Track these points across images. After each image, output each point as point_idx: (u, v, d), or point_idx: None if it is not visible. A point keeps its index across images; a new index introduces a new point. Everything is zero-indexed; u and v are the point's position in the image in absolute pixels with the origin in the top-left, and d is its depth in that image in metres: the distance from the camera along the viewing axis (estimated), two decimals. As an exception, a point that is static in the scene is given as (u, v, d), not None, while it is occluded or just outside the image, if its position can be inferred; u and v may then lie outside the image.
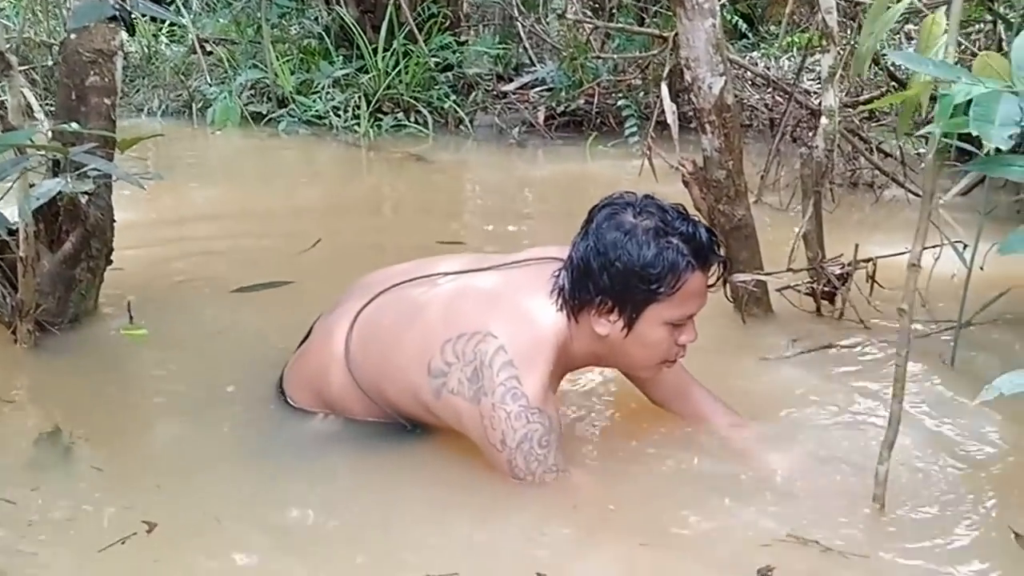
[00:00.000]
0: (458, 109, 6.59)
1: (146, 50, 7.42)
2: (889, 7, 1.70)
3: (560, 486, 1.81)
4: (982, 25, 5.01)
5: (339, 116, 6.42)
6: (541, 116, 6.61)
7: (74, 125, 2.38)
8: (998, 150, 1.39)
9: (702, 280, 1.81)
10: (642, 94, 6.39)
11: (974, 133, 1.36)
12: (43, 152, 2.25)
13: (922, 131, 1.84)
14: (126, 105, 6.70)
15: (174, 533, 1.72)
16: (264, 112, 6.59)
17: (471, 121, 6.61)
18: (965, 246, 2.43)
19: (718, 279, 1.88)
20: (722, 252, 1.90)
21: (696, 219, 1.84)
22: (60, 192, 2.33)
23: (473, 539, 1.74)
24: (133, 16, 2.09)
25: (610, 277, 1.77)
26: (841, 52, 3.04)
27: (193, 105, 6.85)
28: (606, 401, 2.27)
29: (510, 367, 1.77)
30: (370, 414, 2.03)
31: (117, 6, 2.15)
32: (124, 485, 1.91)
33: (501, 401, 1.76)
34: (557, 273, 1.87)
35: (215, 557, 1.68)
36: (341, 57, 6.74)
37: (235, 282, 3.09)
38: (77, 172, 2.17)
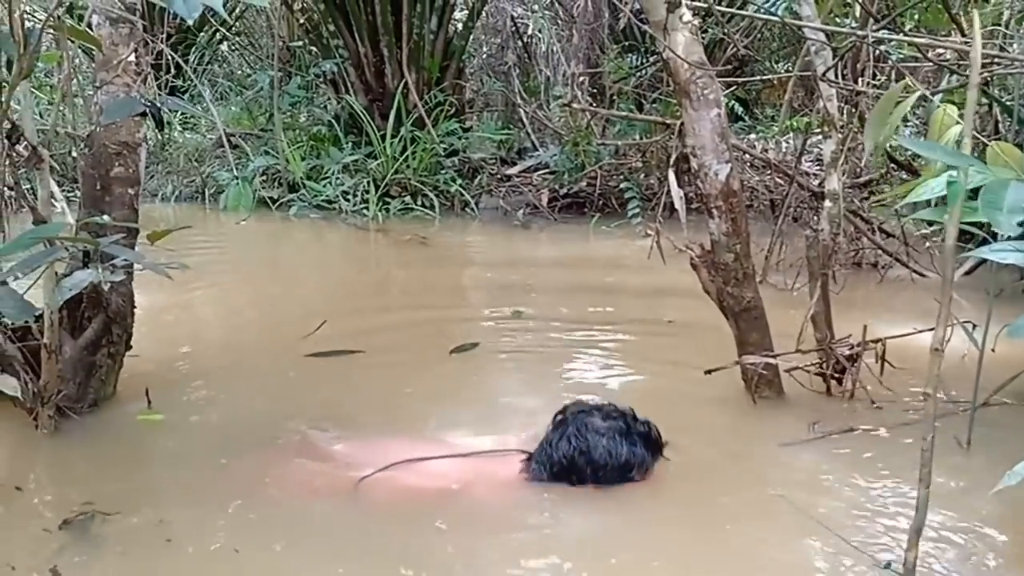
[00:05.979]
0: (463, 192, 6.72)
1: (160, 138, 7.62)
2: (899, 101, 1.77)
3: None
4: (979, 108, 5.15)
5: (348, 200, 6.55)
6: (544, 198, 6.73)
7: (106, 217, 2.44)
8: (995, 235, 1.44)
9: None
10: (643, 176, 6.53)
11: (983, 220, 1.41)
12: (73, 244, 2.30)
13: (919, 215, 1.89)
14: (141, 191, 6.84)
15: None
16: (275, 197, 6.74)
17: (476, 204, 6.74)
18: (975, 326, 2.47)
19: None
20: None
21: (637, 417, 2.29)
22: (86, 282, 2.38)
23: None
24: (163, 112, 2.17)
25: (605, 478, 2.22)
26: (842, 137, 3.13)
27: (205, 190, 7.00)
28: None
29: None
30: None
31: (147, 103, 2.23)
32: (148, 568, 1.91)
33: None
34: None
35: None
36: (350, 143, 6.91)
37: (249, 366, 3.11)
38: (106, 263, 2.22)
